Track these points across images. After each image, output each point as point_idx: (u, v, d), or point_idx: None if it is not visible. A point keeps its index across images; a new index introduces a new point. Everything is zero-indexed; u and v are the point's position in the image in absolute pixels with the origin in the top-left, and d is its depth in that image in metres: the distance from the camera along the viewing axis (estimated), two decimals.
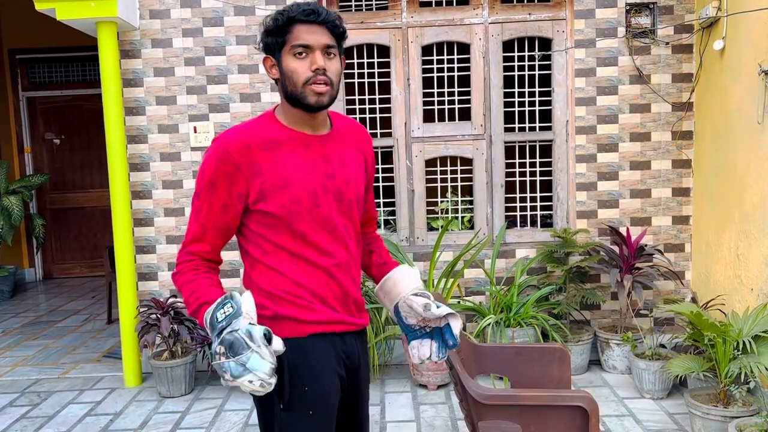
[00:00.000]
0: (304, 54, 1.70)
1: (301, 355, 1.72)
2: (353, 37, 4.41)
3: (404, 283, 1.85)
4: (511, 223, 4.59)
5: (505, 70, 4.44)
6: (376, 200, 4.63)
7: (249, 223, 1.78)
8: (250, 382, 1.47)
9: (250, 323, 1.53)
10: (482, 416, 2.25)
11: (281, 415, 1.72)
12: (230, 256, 4.42)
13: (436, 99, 4.50)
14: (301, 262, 1.76)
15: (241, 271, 4.51)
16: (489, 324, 4.01)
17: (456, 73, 4.48)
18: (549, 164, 4.51)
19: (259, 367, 1.47)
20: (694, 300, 4.15)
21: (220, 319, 1.54)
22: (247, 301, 1.58)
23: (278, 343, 1.54)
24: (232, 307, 1.55)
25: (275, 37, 1.72)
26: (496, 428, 2.24)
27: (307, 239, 1.76)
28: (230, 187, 1.72)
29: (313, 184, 1.76)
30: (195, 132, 4.42)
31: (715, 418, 3.06)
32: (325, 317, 1.78)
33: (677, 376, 3.61)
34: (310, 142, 1.79)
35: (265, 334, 1.51)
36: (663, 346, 4.10)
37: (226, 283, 4.52)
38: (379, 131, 4.52)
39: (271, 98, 4.39)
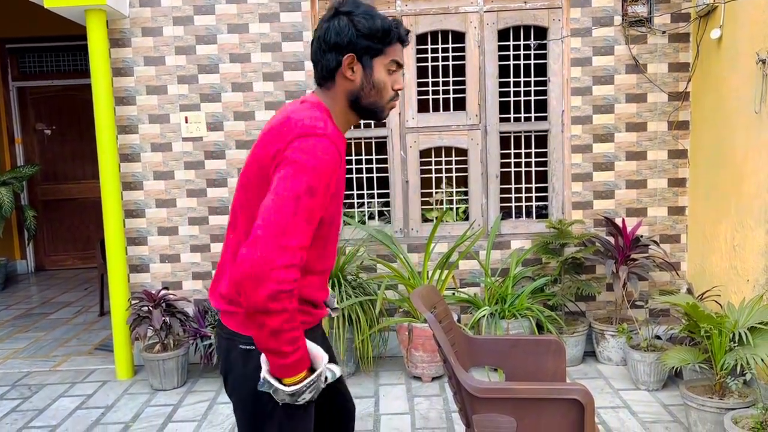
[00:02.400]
0: (393, 71, 1.75)
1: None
2: None
3: None
4: (506, 214, 4.55)
5: (500, 60, 4.39)
6: (369, 191, 4.59)
7: None
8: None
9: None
10: (477, 409, 2.22)
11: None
12: None
13: (430, 89, 4.45)
14: (311, 273, 1.77)
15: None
16: (484, 316, 3.99)
17: (451, 63, 4.43)
18: (544, 155, 4.47)
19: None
20: (689, 291, 4.13)
21: (305, 390, 1.64)
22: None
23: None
24: (314, 381, 1.65)
25: (377, 44, 1.71)
26: (490, 422, 2.21)
27: (326, 248, 1.80)
28: (336, 183, 1.70)
29: (344, 190, 1.88)
30: (186, 122, 4.37)
31: (711, 410, 3.04)
32: (317, 318, 1.87)
33: (673, 367, 3.59)
34: (344, 149, 1.80)
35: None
36: (658, 337, 4.08)
37: None
38: (373, 121, 4.46)
39: (263, 88, 4.34)
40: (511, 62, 4.41)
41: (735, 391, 3.10)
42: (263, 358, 1.63)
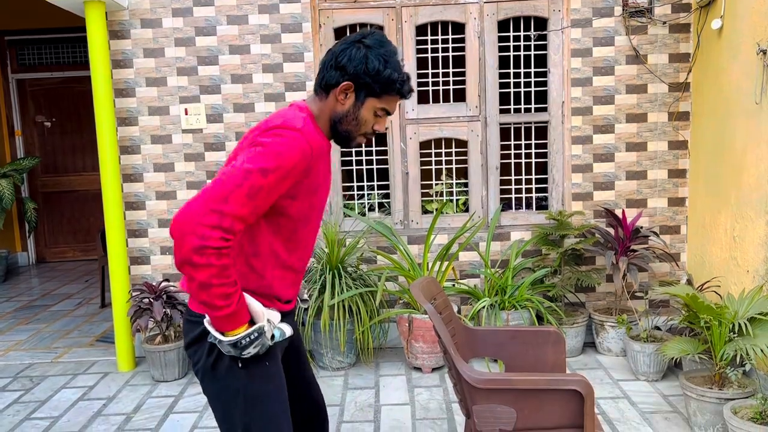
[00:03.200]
0: (380, 116, 1.88)
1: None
2: (346, 17, 4.34)
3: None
4: (506, 205, 4.55)
5: (500, 51, 4.38)
6: (369, 182, 4.59)
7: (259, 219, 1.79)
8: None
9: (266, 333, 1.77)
10: (477, 400, 2.23)
11: (243, 371, 1.83)
12: None
13: (430, 80, 4.44)
14: (283, 268, 1.89)
15: None
16: (484, 307, 3.99)
17: (451, 54, 4.42)
18: (544, 146, 4.47)
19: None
20: (689, 282, 4.14)
21: (244, 343, 1.74)
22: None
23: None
24: (259, 335, 1.75)
25: (377, 86, 1.81)
26: (490, 412, 2.22)
27: (299, 245, 1.90)
28: (293, 181, 1.75)
29: (326, 194, 1.95)
30: (186, 114, 4.36)
31: (710, 400, 3.05)
32: (280, 309, 1.93)
33: (672, 358, 3.60)
34: (329, 153, 1.93)
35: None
36: (658, 328, 4.09)
37: None
38: None
39: (263, 79, 4.33)
40: (511, 53, 4.40)
41: (734, 382, 3.11)
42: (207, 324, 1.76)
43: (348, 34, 4.37)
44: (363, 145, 4.45)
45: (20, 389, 4.09)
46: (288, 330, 1.85)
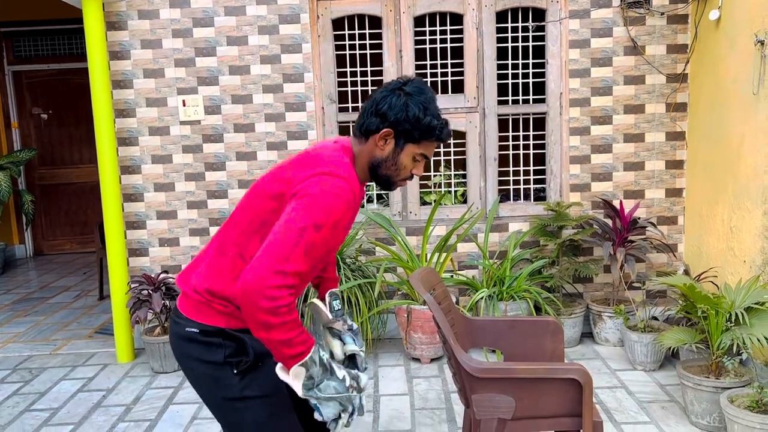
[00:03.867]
0: (418, 161, 1.93)
1: (259, 344, 1.85)
2: (344, 7, 4.33)
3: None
4: (504, 196, 4.56)
5: (498, 42, 4.38)
6: None
7: None
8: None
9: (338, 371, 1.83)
10: (475, 390, 2.24)
11: (237, 378, 1.87)
12: None
13: (428, 71, 4.43)
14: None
15: None
16: (482, 298, 4.01)
17: (449, 45, 4.42)
18: (542, 137, 4.47)
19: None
20: (686, 272, 4.15)
21: (326, 359, 1.80)
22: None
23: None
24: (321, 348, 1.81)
25: (417, 133, 1.85)
26: (489, 401, 2.24)
27: (315, 267, 1.86)
28: (341, 229, 1.81)
29: (348, 231, 1.98)
30: (184, 105, 4.36)
31: (707, 389, 3.07)
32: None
33: (669, 348, 3.62)
34: (361, 194, 1.98)
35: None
36: (655, 318, 4.11)
37: None
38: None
39: (261, 71, 4.32)
40: (510, 44, 4.40)
41: (731, 371, 3.13)
42: (281, 371, 1.78)
43: (346, 26, 4.37)
44: None
45: (19, 381, 4.10)
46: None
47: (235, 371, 1.85)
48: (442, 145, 4.45)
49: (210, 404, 1.96)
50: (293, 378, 1.75)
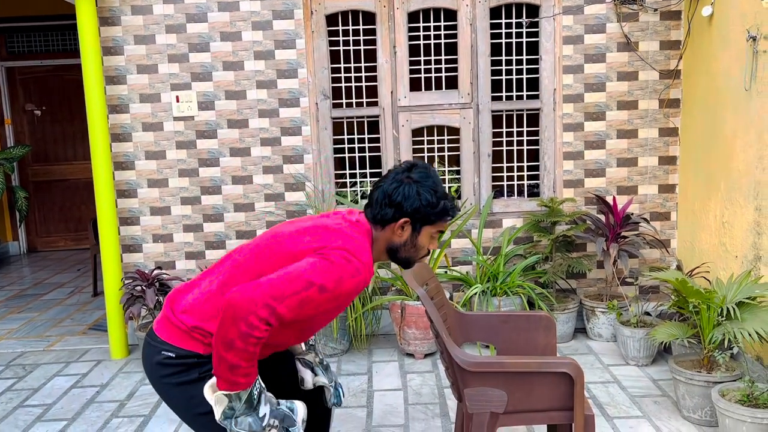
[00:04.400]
0: (435, 236, 2.02)
1: None
2: (338, 3, 4.33)
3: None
4: (498, 192, 4.57)
5: (492, 38, 4.38)
6: (362, 170, 4.59)
7: None
8: None
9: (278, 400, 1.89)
10: (468, 383, 2.25)
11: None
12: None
13: (422, 67, 4.44)
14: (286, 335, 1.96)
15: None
16: (476, 293, 4.02)
17: (443, 41, 4.42)
18: (536, 133, 4.48)
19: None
20: (679, 268, 4.17)
21: (256, 396, 1.81)
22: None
23: (305, 411, 1.91)
24: (258, 383, 1.82)
25: (432, 217, 1.96)
26: (482, 395, 2.25)
27: (300, 329, 1.97)
28: (340, 303, 1.90)
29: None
30: (177, 101, 4.35)
31: (699, 384, 3.09)
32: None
33: (662, 343, 3.65)
34: None
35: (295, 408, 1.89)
36: (648, 313, 4.12)
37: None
38: (365, 100, 4.46)
39: (255, 66, 4.32)
40: (503, 40, 4.40)
41: (722, 365, 3.15)
42: (209, 388, 1.82)
43: (340, 22, 4.37)
44: (356, 132, 4.47)
45: (13, 377, 4.09)
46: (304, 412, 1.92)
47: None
48: (436, 141, 4.47)
49: (191, 423, 1.98)
50: (216, 402, 1.79)
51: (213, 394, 1.79)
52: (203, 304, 1.90)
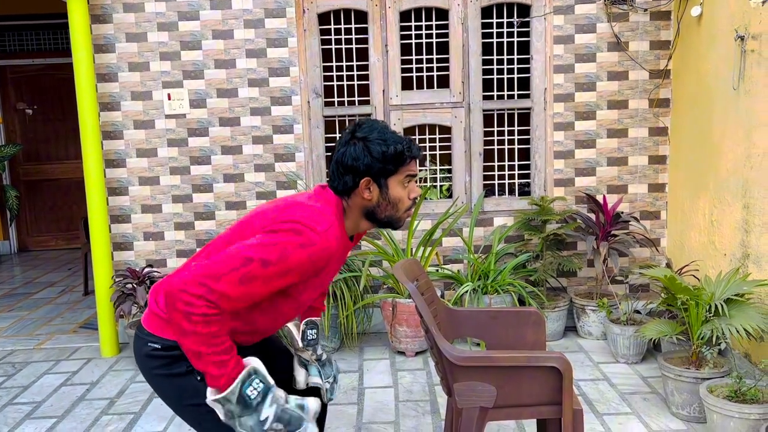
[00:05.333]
0: (408, 183, 1.94)
1: None
2: (330, 2, 4.34)
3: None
4: (489, 191, 4.59)
5: (483, 37, 4.40)
6: None
7: None
8: None
9: (286, 394, 1.81)
10: (457, 378, 2.26)
11: (202, 384, 1.81)
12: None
13: (414, 66, 4.45)
14: (245, 323, 1.90)
15: None
16: (467, 291, 4.03)
17: (434, 40, 4.44)
18: (527, 132, 4.50)
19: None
20: (668, 266, 4.18)
21: (253, 397, 1.73)
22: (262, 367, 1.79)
23: (317, 406, 1.84)
24: (261, 382, 1.75)
25: (390, 167, 1.88)
26: (471, 390, 2.26)
27: (275, 314, 1.93)
28: (297, 278, 1.79)
29: (331, 277, 2.01)
30: (169, 99, 4.34)
31: (687, 380, 3.11)
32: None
33: (651, 340, 3.67)
34: (345, 248, 1.98)
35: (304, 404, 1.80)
36: (638, 312, 4.14)
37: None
38: (356, 99, 4.47)
39: (247, 65, 4.32)
40: (495, 40, 4.42)
41: (710, 361, 3.17)
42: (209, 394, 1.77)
43: (332, 20, 4.38)
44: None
45: (2, 375, 4.08)
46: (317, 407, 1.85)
47: (199, 378, 1.85)
48: (427, 140, 4.49)
49: (182, 414, 1.97)
50: (212, 402, 1.75)
51: (210, 399, 1.75)
52: None
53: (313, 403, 1.82)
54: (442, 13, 4.39)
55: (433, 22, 4.40)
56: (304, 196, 1.94)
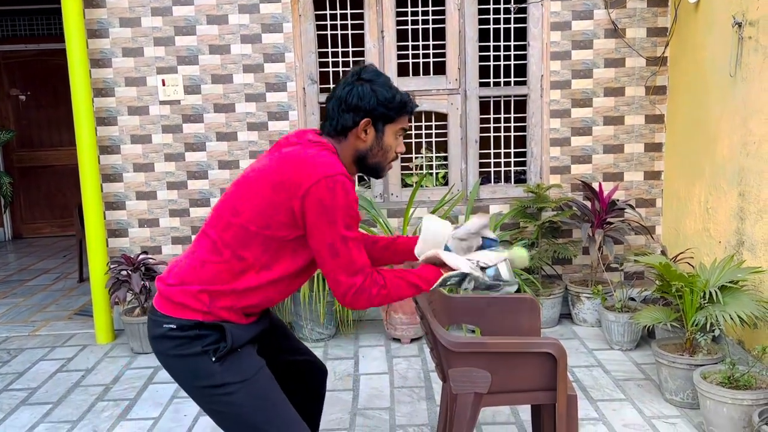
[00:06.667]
0: (399, 136, 2.00)
1: (239, 331, 1.92)
2: None
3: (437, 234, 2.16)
4: (485, 179, 4.58)
5: (480, 23, 4.38)
6: None
7: (280, 238, 1.85)
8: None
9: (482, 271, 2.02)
10: (452, 364, 2.26)
11: (217, 366, 1.87)
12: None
13: (410, 52, 4.42)
14: (276, 291, 1.95)
15: None
16: None
17: (431, 26, 4.41)
18: (523, 119, 4.49)
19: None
20: (663, 253, 4.19)
21: (454, 282, 2.00)
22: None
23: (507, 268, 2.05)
24: (453, 277, 1.99)
25: (392, 113, 1.93)
26: (466, 376, 2.26)
27: (305, 267, 1.95)
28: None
29: None
30: (163, 85, 4.31)
31: (681, 366, 3.12)
32: (236, 321, 1.93)
33: (645, 327, 3.68)
34: None
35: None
36: (632, 299, 4.16)
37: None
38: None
39: (241, 50, 4.29)
40: (491, 26, 4.40)
41: (704, 348, 3.18)
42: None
43: (327, 5, 4.34)
44: None
45: None
46: (504, 272, 2.03)
47: (214, 359, 1.86)
48: (423, 127, 4.47)
49: (194, 396, 1.97)
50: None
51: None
52: (203, 267, 1.88)
53: (503, 268, 2.02)
54: None
55: (430, 8, 4.37)
56: (299, 147, 1.91)
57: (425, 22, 4.41)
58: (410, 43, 4.41)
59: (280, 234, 1.84)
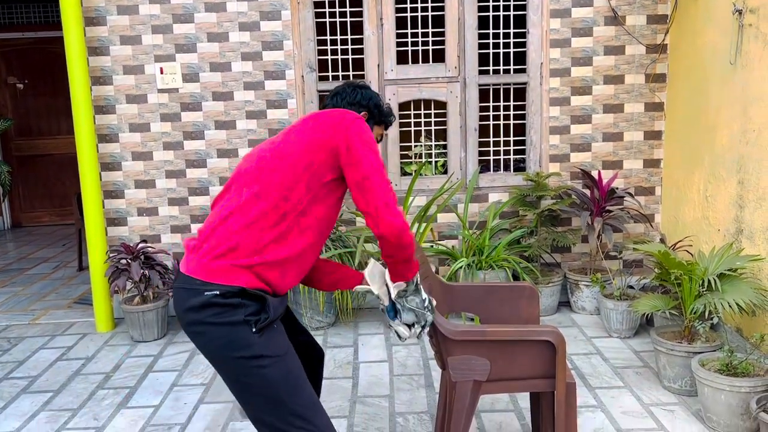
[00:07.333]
0: (379, 139, 2.31)
1: (276, 304, 1.98)
2: None
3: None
4: (484, 167, 4.57)
5: (480, 11, 4.35)
6: None
7: (319, 178, 1.96)
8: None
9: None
10: (451, 352, 2.27)
11: (256, 337, 1.90)
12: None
13: (409, 40, 4.40)
14: (315, 249, 2.05)
15: None
16: (461, 267, 4.04)
17: (430, 13, 4.39)
18: (523, 107, 4.48)
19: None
20: (662, 241, 4.20)
21: (419, 282, 2.19)
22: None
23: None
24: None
25: (381, 117, 2.30)
26: (465, 364, 2.27)
27: (330, 219, 2.07)
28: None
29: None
30: (161, 73, 4.30)
31: (679, 354, 3.13)
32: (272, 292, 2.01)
33: (644, 315, 3.69)
34: None
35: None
36: (631, 287, 4.17)
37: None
38: (351, 73, 4.43)
39: (240, 38, 4.27)
40: (491, 13, 4.38)
41: (702, 335, 3.19)
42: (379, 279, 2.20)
43: None
44: None
45: None
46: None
47: (254, 330, 1.87)
48: (423, 115, 4.46)
49: (224, 365, 1.94)
50: (394, 287, 2.13)
51: (392, 285, 2.12)
52: (246, 216, 1.90)
53: (434, 301, 2.25)
54: None
55: None
56: (320, 112, 2.12)
57: (424, 9, 4.39)
58: (409, 31, 4.39)
59: (321, 172, 1.94)
